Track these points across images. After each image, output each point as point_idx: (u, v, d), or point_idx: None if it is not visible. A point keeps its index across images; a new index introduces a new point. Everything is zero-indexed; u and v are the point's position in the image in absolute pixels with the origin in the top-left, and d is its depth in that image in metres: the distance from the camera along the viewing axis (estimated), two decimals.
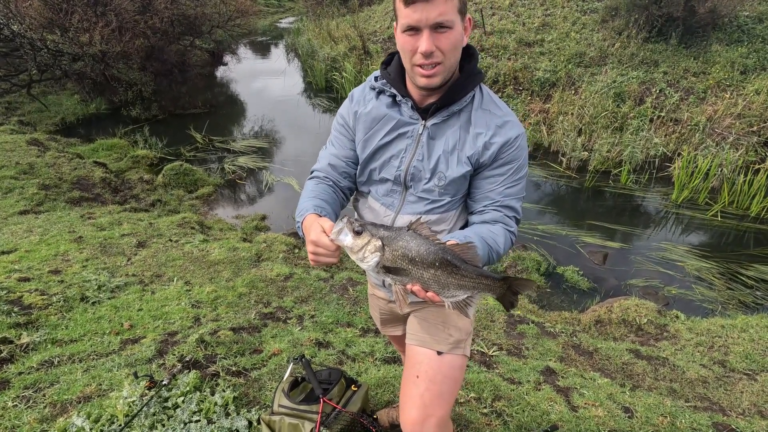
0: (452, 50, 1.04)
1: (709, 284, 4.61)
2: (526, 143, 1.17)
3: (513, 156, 1.14)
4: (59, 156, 6.20)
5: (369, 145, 1.21)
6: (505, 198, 1.16)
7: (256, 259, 3.95)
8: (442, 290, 0.93)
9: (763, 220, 5.62)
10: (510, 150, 1.14)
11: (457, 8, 1.01)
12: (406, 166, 1.17)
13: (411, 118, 1.16)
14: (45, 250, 3.73)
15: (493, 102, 1.17)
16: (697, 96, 7.60)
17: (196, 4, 9.52)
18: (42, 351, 2.33)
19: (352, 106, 1.26)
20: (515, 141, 1.14)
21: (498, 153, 1.13)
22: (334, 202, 1.24)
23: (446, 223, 1.22)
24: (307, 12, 16.98)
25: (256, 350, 2.37)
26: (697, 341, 3.26)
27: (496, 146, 1.13)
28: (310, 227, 1.05)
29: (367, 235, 0.90)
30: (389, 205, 1.23)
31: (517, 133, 1.14)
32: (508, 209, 1.16)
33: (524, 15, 10.26)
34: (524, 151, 1.16)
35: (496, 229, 1.13)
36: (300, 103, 10.26)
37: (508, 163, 1.15)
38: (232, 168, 6.94)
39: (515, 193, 1.17)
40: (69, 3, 7.04)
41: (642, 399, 2.29)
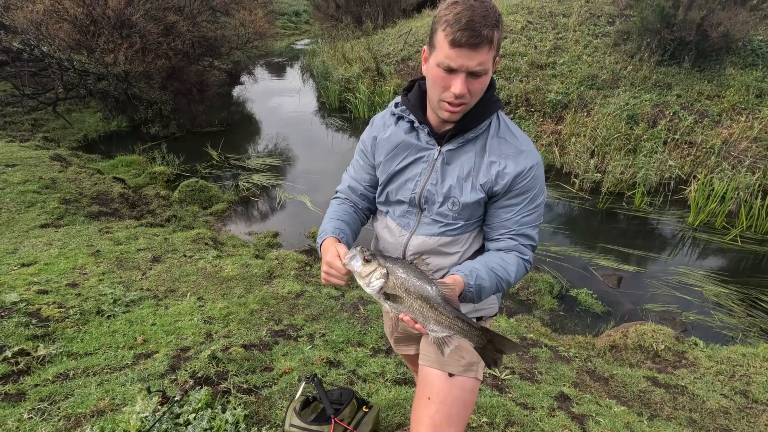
0: (480, 92, 1.09)
1: (729, 310, 4.49)
2: (542, 172, 1.18)
3: (527, 186, 1.15)
4: (80, 171, 6.38)
5: (387, 168, 1.26)
6: (521, 227, 1.17)
7: (268, 275, 3.98)
8: (425, 323, 1.00)
9: None
10: (524, 180, 1.14)
11: (494, 55, 1.04)
12: (420, 189, 1.21)
13: (428, 143, 1.20)
14: (63, 263, 3.81)
15: (510, 130, 1.18)
16: (712, 119, 7.56)
17: (216, 26, 9.85)
18: (58, 363, 2.36)
19: (372, 131, 1.32)
20: (529, 171, 1.14)
21: (512, 183, 1.14)
22: (354, 222, 1.33)
23: (460, 245, 1.24)
24: (322, 34, 17.44)
25: (267, 368, 2.37)
26: (718, 370, 3.17)
27: (509, 176, 1.13)
28: (327, 250, 1.15)
29: (375, 263, 1.01)
30: (405, 225, 1.27)
31: (531, 164, 1.14)
32: (524, 237, 1.18)
33: (536, 38, 10.39)
34: (539, 180, 1.16)
35: (510, 258, 1.16)
36: (314, 122, 10.45)
37: (523, 193, 1.15)
38: (246, 185, 7.05)
39: (531, 222, 1.18)
40: (97, 26, 7.36)
41: (661, 429, 2.22)
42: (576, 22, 10.45)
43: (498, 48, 1.04)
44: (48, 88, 8.69)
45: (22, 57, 7.94)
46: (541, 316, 4.26)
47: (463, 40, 0.98)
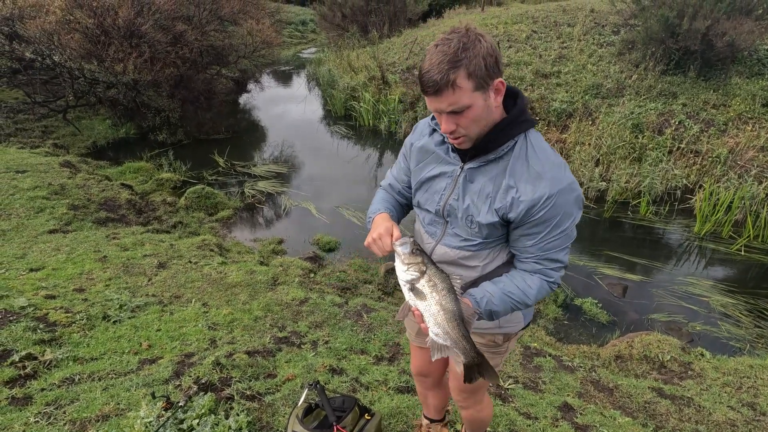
0: (473, 124, 1.09)
1: (736, 321, 4.45)
2: (567, 199, 1.10)
3: (547, 215, 1.10)
4: (89, 178, 6.46)
5: (417, 176, 1.31)
6: (545, 252, 1.15)
7: (272, 282, 4.00)
8: (433, 327, 1.10)
9: None
10: (543, 210, 1.09)
11: (471, 90, 1.03)
12: (443, 202, 1.24)
13: (453, 159, 1.22)
14: (71, 269, 3.85)
15: (536, 153, 1.12)
16: (718, 128, 7.53)
17: (224, 36, 9.99)
18: (64, 368, 2.39)
19: (411, 137, 1.37)
20: (547, 201, 1.08)
21: (527, 212, 1.10)
22: (399, 210, 1.46)
23: (479, 260, 1.25)
24: (328, 43, 17.62)
25: (270, 374, 2.38)
26: (724, 381, 3.13)
27: (524, 205, 1.10)
28: (379, 224, 1.26)
29: (419, 258, 1.11)
30: (432, 233, 1.32)
31: (549, 192, 1.08)
32: (549, 261, 1.16)
33: (540, 47, 10.44)
34: (562, 208, 1.10)
35: (533, 280, 1.17)
36: (319, 130, 10.53)
37: (543, 222, 1.11)
38: (251, 192, 7.10)
39: (556, 247, 1.15)
40: (107, 35, 7.50)
41: None
42: (581, 32, 10.50)
43: (474, 83, 1.02)
44: (59, 95, 8.83)
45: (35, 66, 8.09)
46: (545, 325, 4.24)
47: (424, 88, 1.05)
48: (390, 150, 9.22)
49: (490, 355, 1.40)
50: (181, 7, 8.71)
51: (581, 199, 1.13)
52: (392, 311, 3.58)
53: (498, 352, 1.42)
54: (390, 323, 3.38)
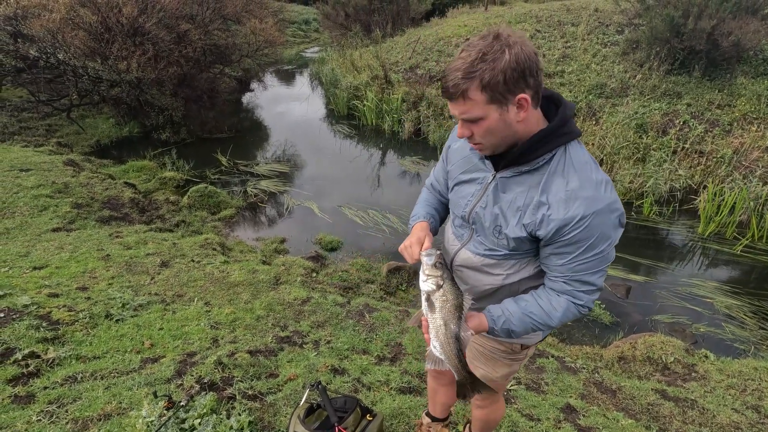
0: (488, 135, 1.05)
1: (741, 323, 4.42)
2: (603, 221, 1.02)
3: (580, 236, 1.03)
4: (92, 176, 6.48)
5: (451, 177, 1.31)
6: (576, 273, 1.09)
7: (274, 281, 4.00)
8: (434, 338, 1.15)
9: None
10: (575, 231, 1.03)
11: (484, 102, 0.99)
12: (470, 208, 1.22)
13: (487, 166, 1.19)
14: (74, 267, 3.86)
15: (574, 169, 1.05)
16: (723, 128, 7.49)
17: (227, 35, 10.00)
18: (66, 366, 2.39)
19: (450, 139, 1.36)
20: (580, 222, 1.02)
21: (557, 232, 1.05)
22: (442, 209, 1.46)
23: (503, 269, 1.22)
24: (331, 42, 17.61)
25: (272, 374, 2.38)
26: (729, 383, 3.11)
27: (555, 224, 1.04)
28: (415, 232, 1.26)
29: (439, 272, 1.13)
30: (459, 236, 1.31)
31: (583, 213, 1.01)
32: (580, 284, 1.10)
33: (544, 47, 10.41)
34: (598, 229, 1.02)
35: (559, 301, 1.13)
36: (322, 129, 10.53)
37: (575, 243, 1.05)
38: (254, 191, 7.11)
39: (589, 269, 1.08)
40: (111, 33, 7.51)
41: None
42: (585, 31, 10.46)
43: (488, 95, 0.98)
44: (62, 94, 8.86)
45: (39, 64, 8.12)
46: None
47: (442, 92, 1.03)
48: (393, 149, 9.21)
49: (508, 361, 1.41)
50: (184, 5, 8.72)
51: (621, 220, 1.05)
52: (394, 311, 3.57)
53: (516, 359, 1.41)
54: (392, 323, 3.37)
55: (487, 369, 1.44)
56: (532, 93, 1.00)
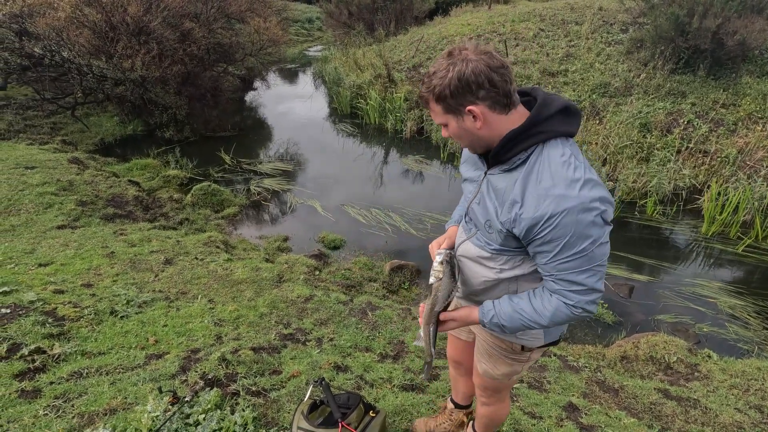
0: (456, 139, 1.16)
1: (744, 323, 4.41)
2: (577, 219, 1.02)
3: (553, 235, 1.04)
4: (97, 174, 6.52)
5: (462, 175, 1.39)
6: (561, 272, 1.09)
7: (277, 279, 4.01)
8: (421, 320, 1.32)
9: None
10: (545, 230, 1.05)
11: (442, 112, 1.11)
12: (468, 204, 1.31)
13: (482, 165, 1.25)
14: (79, 264, 3.89)
15: (548, 168, 1.06)
16: (727, 128, 7.45)
17: (231, 33, 10.02)
18: (72, 362, 2.41)
19: None
20: (549, 221, 1.03)
21: (529, 230, 1.07)
22: None
23: (497, 263, 1.24)
24: (335, 41, 17.62)
25: (276, 371, 2.39)
26: (732, 383, 3.11)
27: (525, 223, 1.07)
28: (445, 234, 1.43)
29: (442, 269, 1.28)
30: (467, 230, 1.35)
31: (552, 211, 1.02)
32: (567, 283, 1.10)
33: (548, 46, 10.38)
34: (571, 228, 1.02)
35: (550, 301, 1.15)
36: (325, 127, 10.54)
37: (550, 242, 1.06)
38: (257, 189, 7.13)
39: (574, 268, 1.07)
40: (115, 32, 7.55)
41: None
42: (588, 30, 10.42)
43: (443, 106, 1.09)
44: (67, 92, 8.91)
45: (44, 62, 8.17)
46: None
47: None
48: (395, 148, 9.21)
49: (509, 361, 1.44)
50: (188, 4, 8.75)
51: (604, 218, 1.04)
52: (397, 309, 3.59)
53: (517, 359, 1.43)
54: (395, 321, 3.39)
55: (489, 365, 1.49)
56: (489, 103, 1.06)
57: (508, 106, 1.08)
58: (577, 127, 1.14)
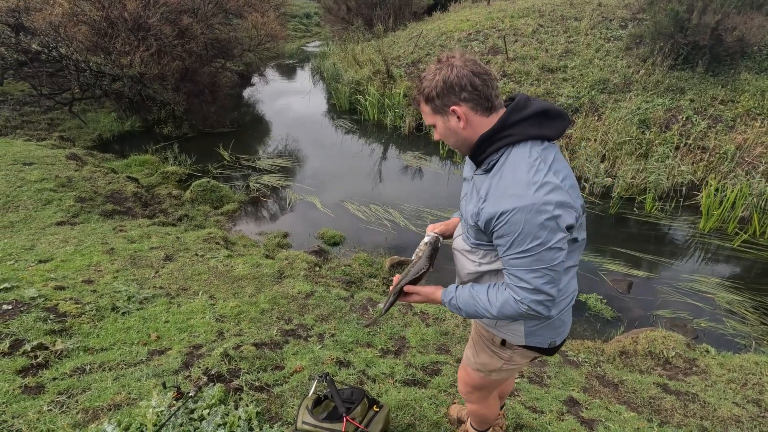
0: (444, 139, 1.26)
1: (742, 318, 4.44)
2: (526, 219, 1.08)
3: (505, 231, 1.12)
4: (95, 170, 6.49)
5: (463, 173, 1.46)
6: (511, 267, 1.17)
7: (278, 275, 4.02)
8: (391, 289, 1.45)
9: None
10: (499, 225, 1.13)
11: (430, 113, 1.22)
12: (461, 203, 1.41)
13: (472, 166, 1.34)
14: (79, 261, 3.88)
15: (511, 169, 1.14)
16: (726, 124, 7.47)
17: (229, 29, 9.97)
18: (75, 358, 2.42)
19: None
20: (502, 216, 1.11)
21: (487, 224, 1.16)
22: None
23: (476, 256, 1.32)
24: (333, 37, 17.55)
25: (278, 366, 2.40)
26: (729, 378, 3.13)
27: (484, 216, 1.16)
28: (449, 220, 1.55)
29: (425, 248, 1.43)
30: (461, 226, 1.44)
31: (505, 209, 1.10)
32: (515, 278, 1.17)
33: (547, 42, 10.37)
34: (520, 226, 1.09)
35: (502, 293, 1.22)
36: (323, 123, 10.52)
37: (502, 237, 1.14)
38: (256, 186, 7.12)
39: (521, 266, 1.14)
40: (114, 28, 7.50)
41: None
42: (588, 26, 10.41)
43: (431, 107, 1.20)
44: (64, 88, 8.86)
45: (41, 58, 8.11)
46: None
47: None
48: (394, 144, 9.21)
49: (489, 352, 1.49)
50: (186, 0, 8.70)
51: (558, 224, 1.09)
52: (397, 305, 3.60)
53: (497, 353, 1.47)
54: (395, 317, 3.40)
55: (471, 351, 1.58)
56: (471, 105, 1.16)
57: (489, 109, 1.18)
58: (555, 130, 1.18)
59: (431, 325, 3.33)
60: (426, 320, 3.41)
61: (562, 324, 1.38)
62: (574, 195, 1.15)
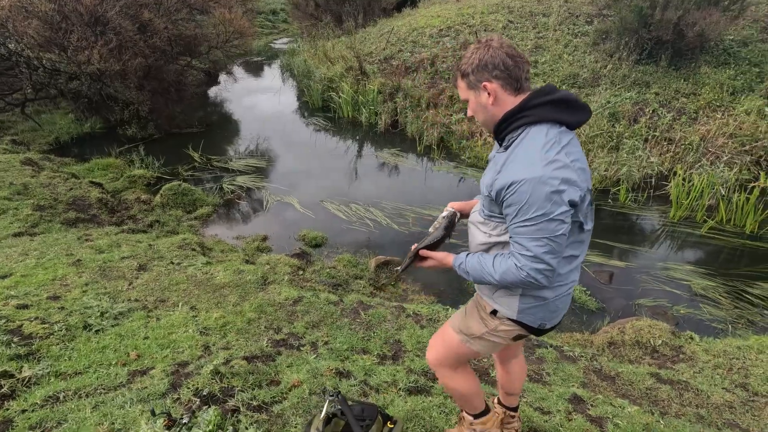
0: (475, 114, 1.38)
1: (716, 303, 4.60)
2: (533, 189, 1.19)
3: (512, 200, 1.23)
4: (54, 176, 6.07)
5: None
6: (516, 235, 1.27)
7: (262, 282, 3.84)
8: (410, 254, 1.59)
9: (758, 238, 5.68)
10: (508, 194, 1.23)
11: (465, 88, 1.35)
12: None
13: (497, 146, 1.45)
14: (42, 275, 3.59)
15: (525, 147, 1.26)
16: (689, 116, 7.77)
17: (195, 25, 9.54)
18: (45, 385, 2.20)
19: None
20: (512, 186, 1.22)
21: (498, 193, 1.27)
22: None
23: (487, 228, 1.43)
24: (301, 33, 17.18)
25: (274, 381, 2.26)
26: (715, 363, 3.22)
27: (497, 186, 1.27)
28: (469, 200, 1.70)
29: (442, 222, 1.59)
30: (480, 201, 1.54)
31: (514, 179, 1.21)
32: (518, 246, 1.27)
33: (517, 37, 10.49)
34: (526, 196, 1.20)
35: (506, 260, 1.32)
36: (296, 122, 10.27)
37: (510, 206, 1.25)
38: (230, 188, 6.85)
39: (525, 233, 1.24)
40: (68, 22, 7.00)
41: (678, 429, 2.22)
42: (556, 22, 10.60)
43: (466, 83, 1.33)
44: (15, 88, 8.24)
45: None
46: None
47: None
48: (371, 142, 9.09)
49: (477, 317, 1.55)
50: None
51: (559, 197, 1.18)
52: (389, 308, 3.51)
53: (484, 318, 1.53)
54: (389, 320, 3.31)
55: (461, 315, 1.64)
56: (501, 83, 1.28)
57: (517, 89, 1.30)
58: (575, 118, 1.29)
59: (426, 327, 3.26)
60: (420, 321, 3.33)
61: (556, 309, 1.46)
62: (581, 176, 1.24)
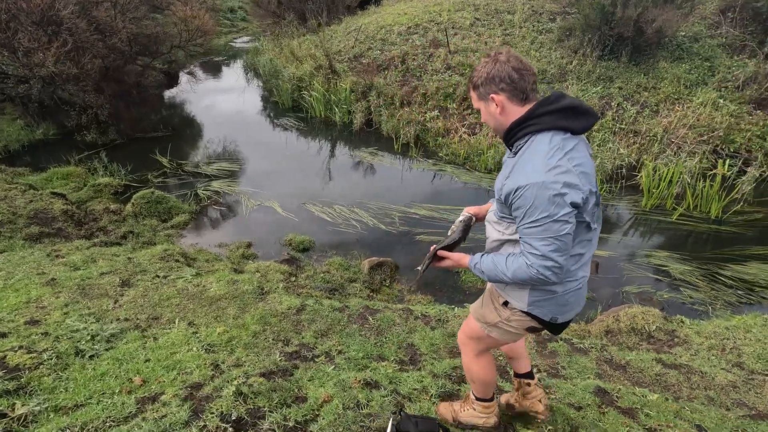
0: (486, 121, 1.50)
1: (695, 287, 4.85)
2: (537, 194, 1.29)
3: (519, 204, 1.34)
4: (9, 188, 5.57)
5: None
6: (525, 236, 1.38)
7: (260, 291, 3.68)
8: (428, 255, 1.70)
9: (722, 222, 6.05)
10: (515, 198, 1.35)
11: (477, 98, 1.47)
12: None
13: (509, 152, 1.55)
14: (14, 297, 3.27)
15: (529, 153, 1.37)
16: (651, 109, 8.16)
17: (155, 23, 9.04)
18: (45, 422, 1.98)
19: None
20: (518, 191, 1.33)
21: (506, 198, 1.39)
22: None
23: (500, 227, 1.55)
24: (263, 32, 16.72)
25: (299, 398, 2.15)
26: (709, 345, 3.38)
27: (505, 190, 1.38)
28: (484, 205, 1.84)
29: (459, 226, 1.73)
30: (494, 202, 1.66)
31: (519, 184, 1.32)
32: (527, 245, 1.38)
33: (485, 34, 10.65)
34: (530, 200, 1.30)
35: (517, 259, 1.42)
36: (266, 123, 9.98)
37: (518, 209, 1.35)
38: (206, 193, 6.55)
39: (533, 234, 1.34)
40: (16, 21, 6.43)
41: (703, 414, 2.30)
42: (521, 19, 10.85)
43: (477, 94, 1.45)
44: None
45: None
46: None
47: None
48: (346, 141, 8.96)
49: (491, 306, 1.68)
50: None
51: (565, 200, 1.28)
52: (396, 310, 3.45)
53: (497, 308, 1.65)
54: (398, 323, 3.24)
55: (478, 303, 1.79)
56: (507, 95, 1.39)
57: (523, 100, 1.40)
58: (579, 124, 1.37)
59: (436, 328, 3.22)
60: (429, 323, 3.29)
61: (566, 303, 1.54)
62: (583, 180, 1.32)
